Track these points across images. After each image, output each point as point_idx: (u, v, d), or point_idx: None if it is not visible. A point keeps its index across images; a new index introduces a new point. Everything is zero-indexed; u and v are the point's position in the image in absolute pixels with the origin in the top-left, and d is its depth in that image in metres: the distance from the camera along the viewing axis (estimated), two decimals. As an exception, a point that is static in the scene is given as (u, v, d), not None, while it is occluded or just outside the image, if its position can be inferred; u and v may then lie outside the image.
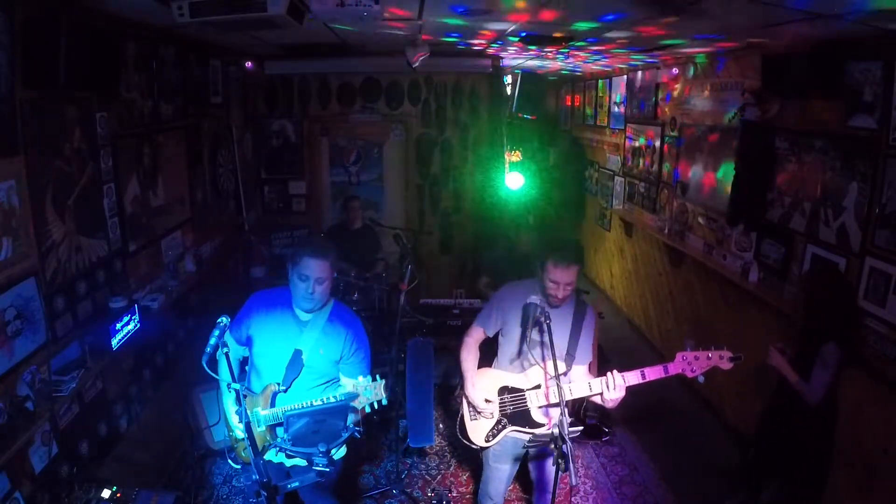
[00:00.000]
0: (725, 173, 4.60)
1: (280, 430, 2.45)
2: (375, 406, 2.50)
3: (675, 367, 2.61)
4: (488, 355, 3.04)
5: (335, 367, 2.63)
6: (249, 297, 2.66)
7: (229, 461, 2.64)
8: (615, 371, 2.63)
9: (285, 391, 2.54)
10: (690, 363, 2.59)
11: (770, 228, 4.08)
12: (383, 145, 6.78)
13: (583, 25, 3.49)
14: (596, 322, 3.02)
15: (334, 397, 2.43)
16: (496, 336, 2.98)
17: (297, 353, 2.52)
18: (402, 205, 6.91)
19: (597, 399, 2.74)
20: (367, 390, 2.46)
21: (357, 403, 2.46)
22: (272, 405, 2.52)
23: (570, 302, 2.85)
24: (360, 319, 2.74)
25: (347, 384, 2.63)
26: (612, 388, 2.61)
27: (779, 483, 3.20)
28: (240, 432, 2.51)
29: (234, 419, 2.53)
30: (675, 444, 4.43)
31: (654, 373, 2.61)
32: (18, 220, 2.52)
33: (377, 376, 2.50)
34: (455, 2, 2.96)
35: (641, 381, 2.64)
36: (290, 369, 2.52)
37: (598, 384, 2.67)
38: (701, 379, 2.62)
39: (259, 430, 2.48)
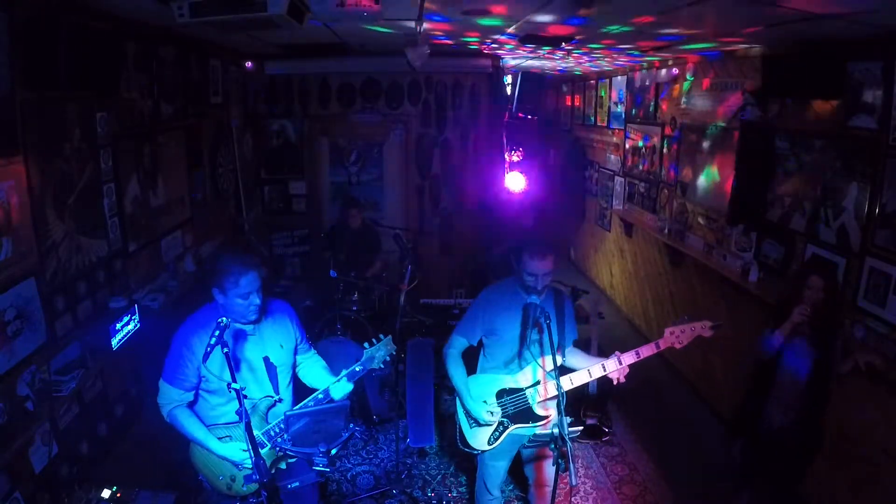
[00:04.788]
0: (725, 173, 4.60)
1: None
2: (388, 360, 2.60)
3: (665, 342, 2.76)
4: (469, 359, 3.03)
5: (293, 353, 2.66)
6: (178, 339, 2.43)
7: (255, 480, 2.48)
8: (615, 356, 2.77)
9: (282, 400, 2.51)
10: (678, 336, 2.77)
11: (770, 228, 4.08)
12: (383, 145, 6.78)
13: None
14: (583, 309, 3.12)
15: (358, 368, 2.50)
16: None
17: (268, 361, 2.48)
18: (402, 205, 6.91)
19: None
20: (378, 349, 2.57)
21: (375, 364, 2.55)
22: (268, 420, 2.47)
23: (549, 294, 2.88)
24: (280, 299, 2.75)
25: (313, 364, 2.72)
26: (615, 370, 2.76)
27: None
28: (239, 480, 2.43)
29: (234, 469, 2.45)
30: (675, 443, 4.43)
31: (647, 350, 2.76)
32: (18, 220, 2.52)
33: (380, 335, 2.61)
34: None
35: (638, 359, 2.77)
36: (272, 378, 2.48)
37: (598, 369, 2.78)
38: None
39: (265, 450, 2.40)
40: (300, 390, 2.67)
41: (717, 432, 4.53)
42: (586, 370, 2.76)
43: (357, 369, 2.53)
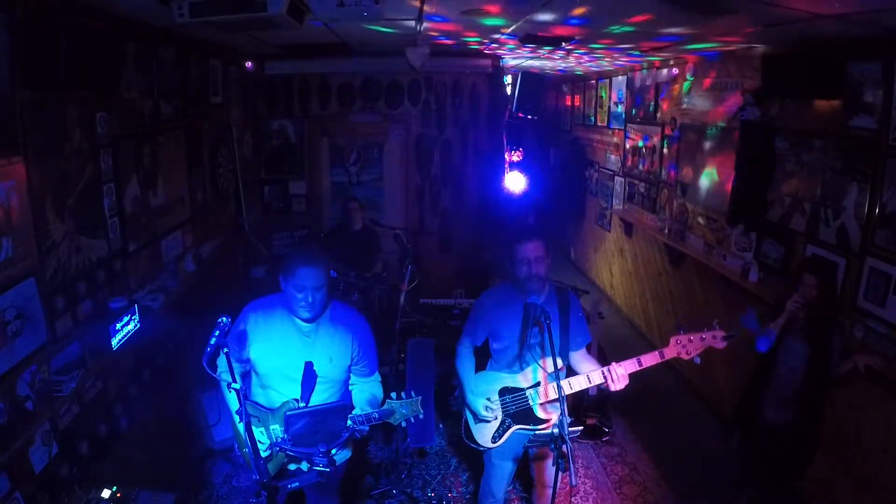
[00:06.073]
0: (725, 173, 4.60)
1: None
2: (412, 420, 2.47)
3: (670, 351, 2.61)
4: (482, 355, 3.05)
5: (346, 371, 2.59)
6: (244, 311, 2.54)
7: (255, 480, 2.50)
8: (614, 364, 2.64)
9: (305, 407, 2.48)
10: (685, 346, 2.60)
11: (770, 228, 4.09)
12: (383, 145, 6.78)
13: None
14: (584, 311, 3.06)
15: (375, 415, 2.42)
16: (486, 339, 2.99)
17: (309, 366, 2.44)
18: (402, 205, 6.91)
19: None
20: (403, 406, 2.44)
21: (393, 420, 2.45)
22: None
23: (551, 294, 2.85)
24: (362, 315, 2.68)
25: (364, 390, 2.63)
26: (615, 380, 2.62)
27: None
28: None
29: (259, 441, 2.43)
30: (676, 444, 4.43)
31: (650, 359, 2.61)
32: (18, 220, 2.52)
33: (412, 392, 2.48)
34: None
35: (639, 368, 2.63)
36: (306, 384, 2.44)
37: (598, 376, 2.67)
38: (697, 360, 2.64)
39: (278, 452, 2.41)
40: None
41: (718, 433, 4.53)
42: (585, 376, 2.71)
43: (374, 416, 2.43)
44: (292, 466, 2.56)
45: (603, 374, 2.65)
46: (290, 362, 2.46)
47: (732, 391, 4.57)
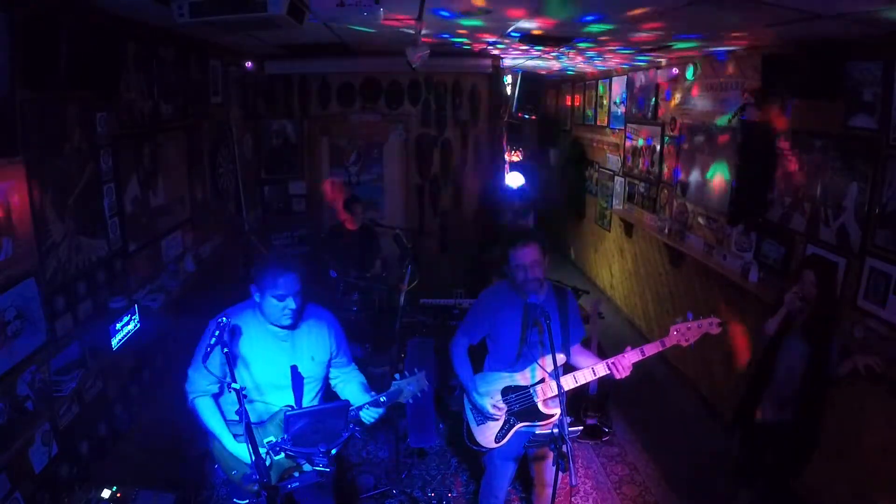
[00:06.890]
0: (725, 173, 4.60)
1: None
2: (419, 395, 2.49)
3: (670, 340, 2.71)
4: (476, 356, 3.05)
5: (326, 367, 2.61)
6: (209, 329, 2.38)
7: (235, 501, 2.48)
8: (618, 356, 2.71)
9: None
10: (684, 334, 2.72)
11: (770, 228, 4.09)
12: (383, 145, 6.78)
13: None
14: (582, 308, 3.09)
15: (382, 399, 2.43)
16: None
17: (295, 370, 2.43)
18: (402, 205, 6.91)
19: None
20: (409, 384, 2.46)
21: (402, 398, 2.46)
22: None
23: (549, 293, 2.87)
24: (325, 307, 2.67)
25: (350, 381, 2.64)
26: (620, 371, 2.70)
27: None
28: (244, 469, 2.37)
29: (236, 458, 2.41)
30: (676, 443, 4.43)
31: (652, 348, 2.71)
32: (18, 220, 2.52)
33: (415, 369, 2.49)
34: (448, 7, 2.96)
35: (642, 358, 2.71)
36: (296, 388, 2.43)
37: (602, 368, 2.72)
38: (692, 347, 2.78)
39: (278, 457, 2.39)
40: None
41: (718, 432, 4.54)
42: (590, 369, 2.74)
43: (382, 400, 2.44)
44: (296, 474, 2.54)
45: (608, 365, 2.71)
46: (275, 370, 2.44)
47: (732, 391, 4.58)
